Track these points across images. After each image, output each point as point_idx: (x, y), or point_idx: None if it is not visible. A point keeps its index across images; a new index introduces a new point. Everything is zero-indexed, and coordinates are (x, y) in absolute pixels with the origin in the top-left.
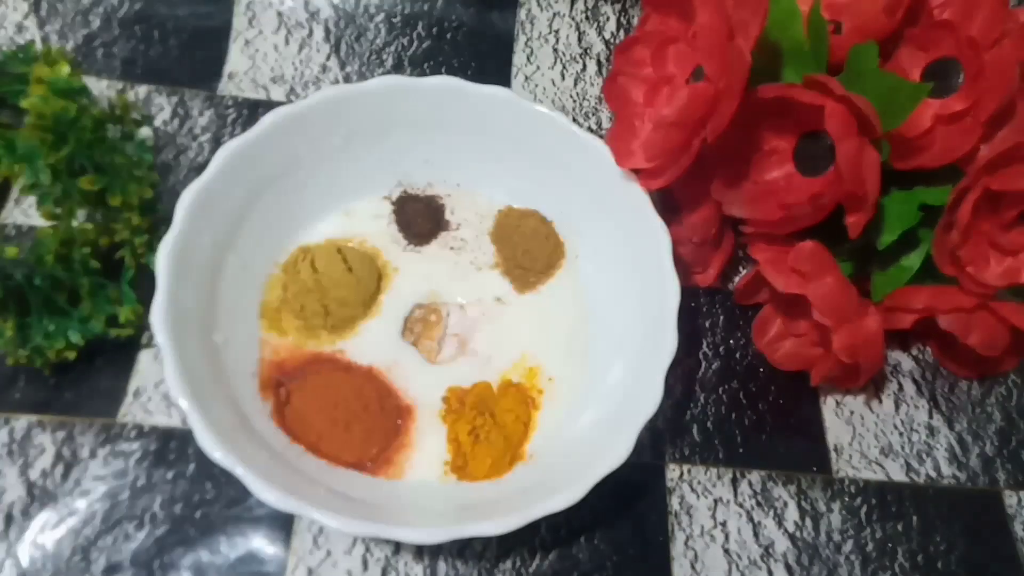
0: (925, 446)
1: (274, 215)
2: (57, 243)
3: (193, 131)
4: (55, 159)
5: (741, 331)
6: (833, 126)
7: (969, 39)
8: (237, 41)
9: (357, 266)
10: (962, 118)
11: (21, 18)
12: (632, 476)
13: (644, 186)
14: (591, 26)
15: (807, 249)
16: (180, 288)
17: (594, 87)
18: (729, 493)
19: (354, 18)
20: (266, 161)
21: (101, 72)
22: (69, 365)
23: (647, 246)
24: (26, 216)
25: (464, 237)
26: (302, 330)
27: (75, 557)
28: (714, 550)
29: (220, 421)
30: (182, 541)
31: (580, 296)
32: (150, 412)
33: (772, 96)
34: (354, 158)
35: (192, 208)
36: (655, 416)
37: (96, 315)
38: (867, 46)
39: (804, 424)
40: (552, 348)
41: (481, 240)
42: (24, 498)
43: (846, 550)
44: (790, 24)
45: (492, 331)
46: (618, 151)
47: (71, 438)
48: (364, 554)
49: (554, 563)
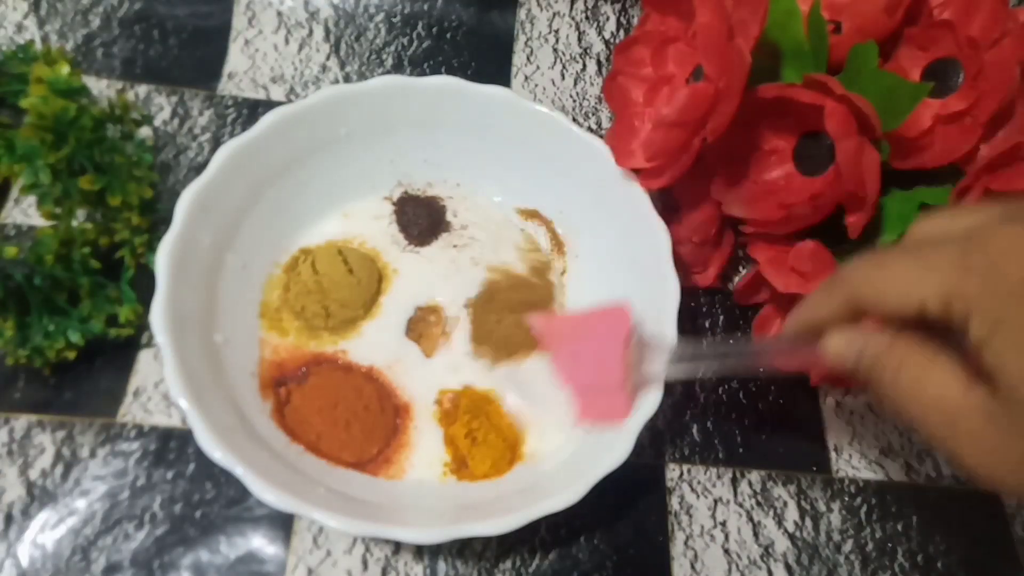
0: (925, 446)
1: (274, 215)
2: (57, 243)
3: (193, 131)
4: (55, 159)
5: (741, 331)
6: (833, 126)
7: (969, 39)
8: (237, 41)
9: (358, 267)
10: (962, 118)
11: (21, 18)
12: (632, 476)
13: (644, 186)
14: (591, 26)
15: (807, 249)
16: (180, 288)
17: (594, 87)
18: (729, 493)
19: (354, 18)
20: (266, 161)
21: (101, 72)
22: (69, 365)
23: (647, 246)
24: (26, 216)
25: (467, 237)
26: (303, 330)
27: (75, 557)
28: (714, 550)
29: (220, 421)
30: (182, 541)
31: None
32: (150, 412)
33: (772, 96)
34: (354, 158)
35: (192, 208)
36: (655, 416)
37: (96, 315)
38: (867, 46)
39: (804, 424)
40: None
41: (481, 239)
42: (24, 498)
43: (846, 550)
44: (790, 24)
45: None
46: (618, 151)
47: (71, 438)
48: (364, 554)
49: (554, 563)
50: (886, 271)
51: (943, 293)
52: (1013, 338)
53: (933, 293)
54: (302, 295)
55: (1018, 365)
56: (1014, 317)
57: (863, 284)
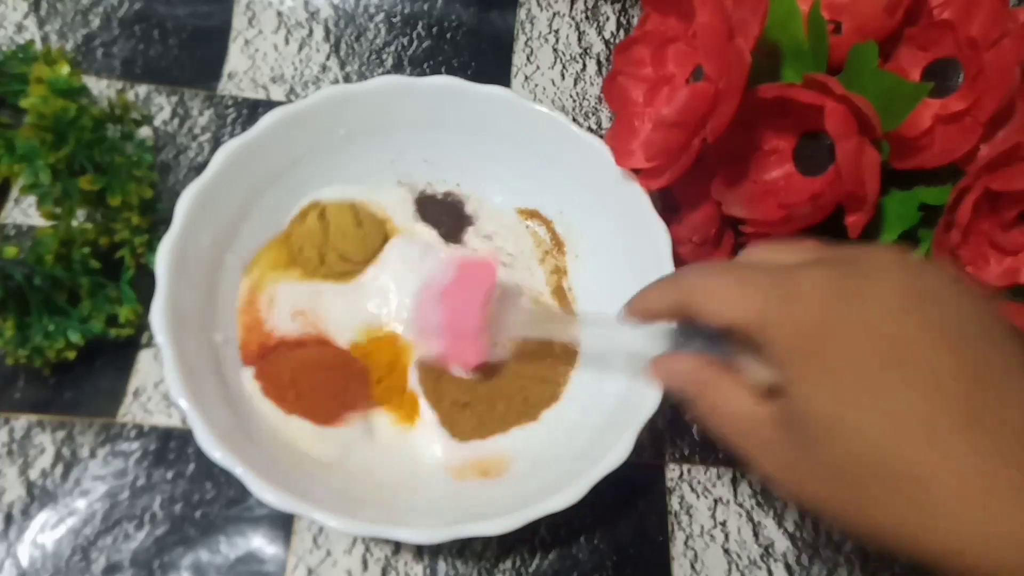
0: None
1: (274, 215)
2: (57, 243)
3: (193, 131)
4: (55, 159)
5: None
6: (833, 126)
7: (969, 39)
8: (237, 41)
9: (367, 223)
10: (962, 118)
11: (21, 18)
12: (632, 476)
13: (644, 186)
14: (591, 26)
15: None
16: (180, 288)
17: (594, 87)
18: (729, 493)
19: (354, 18)
20: (266, 161)
21: (101, 72)
22: (69, 365)
23: (647, 246)
24: (26, 216)
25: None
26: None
27: (75, 557)
28: (714, 550)
29: (220, 421)
30: (182, 541)
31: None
32: (150, 412)
33: (772, 96)
34: (354, 158)
35: (192, 208)
36: (655, 416)
37: (96, 315)
38: (867, 46)
39: None
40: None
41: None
42: (24, 498)
43: (846, 550)
44: (790, 24)
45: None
46: (618, 151)
47: (71, 438)
48: (364, 554)
49: (554, 563)
50: (711, 285)
51: (753, 313)
52: (800, 363)
53: (743, 312)
54: (303, 237)
55: (802, 387)
56: (805, 347)
57: (692, 291)
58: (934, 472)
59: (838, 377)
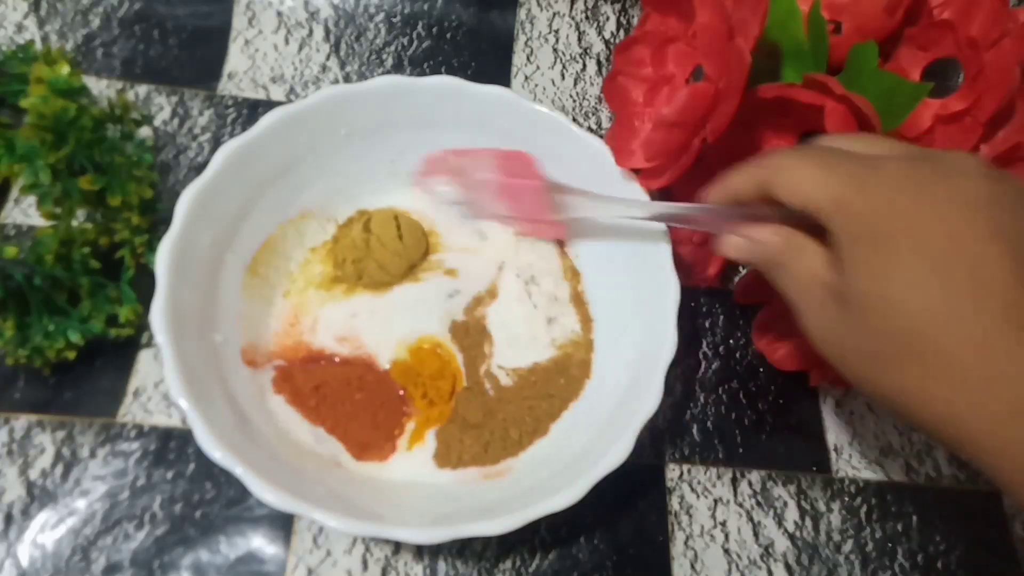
0: (925, 446)
1: (274, 215)
2: (57, 243)
3: (193, 131)
4: (55, 159)
5: (741, 331)
6: (833, 126)
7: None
8: (237, 41)
9: (407, 234)
10: (962, 118)
11: (21, 18)
12: (632, 476)
13: (644, 186)
14: (591, 26)
15: None
16: (180, 288)
17: (594, 87)
18: (729, 493)
19: (354, 18)
20: (266, 161)
21: (101, 72)
22: (69, 365)
23: (647, 246)
24: (26, 216)
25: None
26: (330, 280)
27: (75, 557)
28: (714, 550)
29: (220, 421)
30: (182, 541)
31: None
32: (150, 412)
33: (772, 96)
34: (354, 158)
35: (192, 208)
36: (655, 416)
37: (96, 315)
38: (867, 46)
39: (804, 424)
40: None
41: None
42: (24, 498)
43: (846, 550)
44: (790, 24)
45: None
46: (618, 151)
47: (71, 438)
48: (364, 554)
49: (554, 563)
50: (796, 166)
51: (830, 197)
52: (865, 247)
53: (822, 194)
54: (348, 248)
55: (861, 268)
56: (872, 232)
57: (777, 171)
58: (963, 354)
59: (896, 264)
